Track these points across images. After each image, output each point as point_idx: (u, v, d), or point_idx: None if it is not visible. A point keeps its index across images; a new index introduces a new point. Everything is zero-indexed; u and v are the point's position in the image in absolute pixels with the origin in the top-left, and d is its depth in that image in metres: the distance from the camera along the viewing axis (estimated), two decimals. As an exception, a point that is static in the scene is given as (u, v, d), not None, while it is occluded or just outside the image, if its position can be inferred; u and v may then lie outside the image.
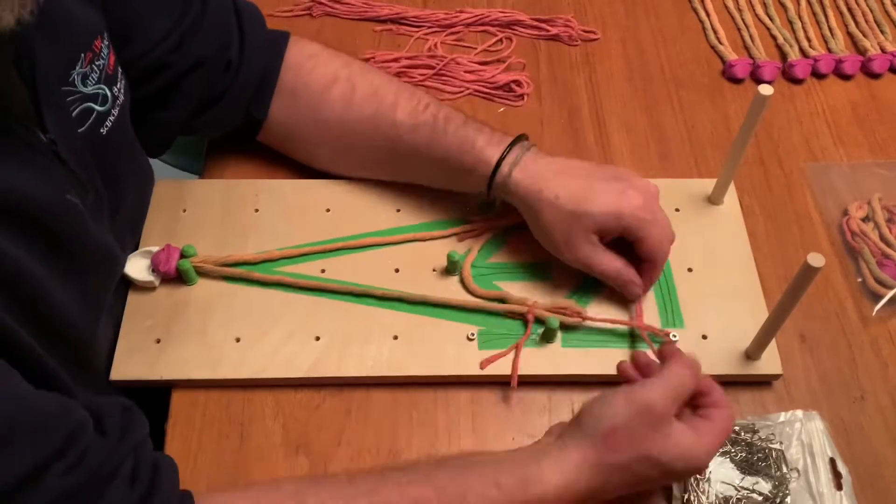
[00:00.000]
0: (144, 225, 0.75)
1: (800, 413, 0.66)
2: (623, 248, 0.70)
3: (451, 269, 0.72)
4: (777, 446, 0.64)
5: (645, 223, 0.67)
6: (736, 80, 0.92)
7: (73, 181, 0.57)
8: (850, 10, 0.99)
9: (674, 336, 0.69)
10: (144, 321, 0.70)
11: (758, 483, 0.62)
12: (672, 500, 0.62)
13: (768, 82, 0.84)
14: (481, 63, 0.92)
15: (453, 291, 0.72)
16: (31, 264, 0.53)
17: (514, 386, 0.67)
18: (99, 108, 0.62)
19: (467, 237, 0.76)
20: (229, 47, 0.73)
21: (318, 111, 0.75)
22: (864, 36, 0.96)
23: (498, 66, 0.91)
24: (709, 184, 0.79)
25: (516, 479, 0.56)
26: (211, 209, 0.77)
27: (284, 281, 0.72)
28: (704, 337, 0.70)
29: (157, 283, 0.71)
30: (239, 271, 0.72)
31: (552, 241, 0.69)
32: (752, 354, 0.68)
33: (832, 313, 0.74)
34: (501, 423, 0.67)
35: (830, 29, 0.97)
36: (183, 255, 0.71)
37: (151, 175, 0.77)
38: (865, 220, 0.79)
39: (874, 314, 0.73)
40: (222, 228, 0.76)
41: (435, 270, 0.74)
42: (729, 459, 0.63)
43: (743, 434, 0.65)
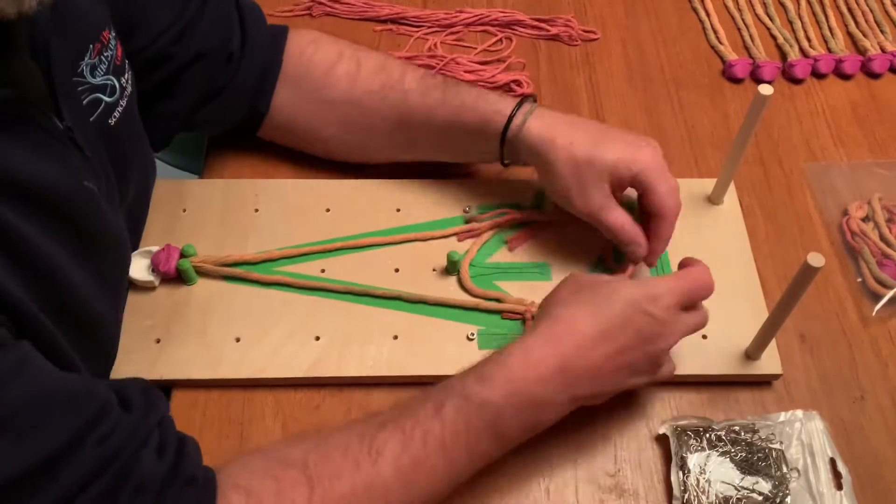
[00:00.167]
0: (145, 224, 0.76)
1: (800, 413, 0.66)
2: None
3: (451, 268, 0.72)
4: (777, 446, 0.64)
5: (657, 174, 0.68)
6: (736, 80, 0.92)
7: (89, 168, 0.58)
8: (850, 10, 0.99)
9: (674, 336, 0.69)
10: (144, 321, 0.70)
11: (758, 483, 0.62)
12: (672, 500, 0.62)
13: (768, 82, 0.84)
14: (481, 63, 0.92)
15: (453, 291, 0.72)
16: (51, 248, 0.53)
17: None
18: (107, 99, 0.62)
19: (467, 237, 0.76)
20: (231, 40, 0.73)
21: (324, 92, 0.76)
22: (864, 36, 0.96)
23: (498, 66, 0.91)
24: (709, 184, 0.79)
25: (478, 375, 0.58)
26: (211, 209, 0.77)
27: (284, 281, 0.72)
28: (704, 337, 0.70)
29: (157, 283, 0.71)
30: (239, 271, 0.72)
31: (565, 188, 0.69)
32: (752, 354, 0.68)
33: (832, 313, 0.74)
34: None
35: (830, 29, 0.97)
36: (183, 255, 0.71)
37: (154, 167, 0.77)
38: (865, 220, 0.79)
39: (874, 314, 0.73)
40: (222, 228, 0.76)
41: (435, 270, 0.74)
42: (729, 459, 0.63)
43: (743, 434, 0.65)
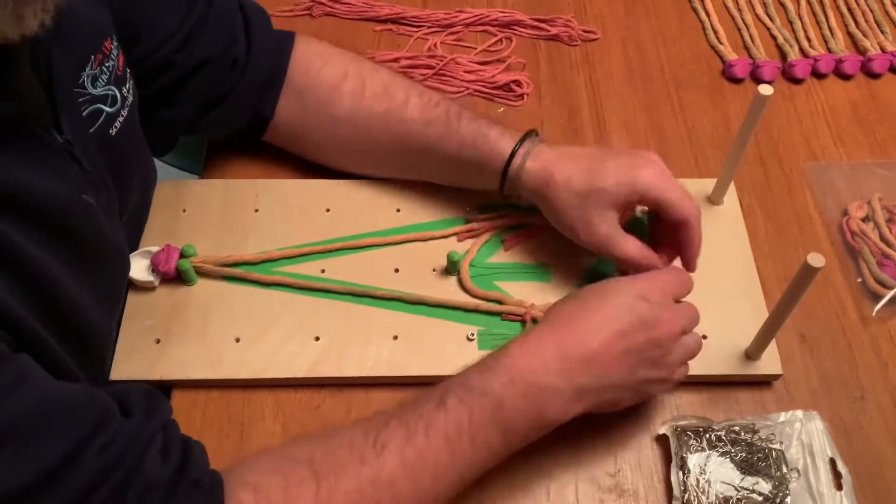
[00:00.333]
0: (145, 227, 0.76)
1: (800, 413, 0.66)
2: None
3: (451, 269, 0.72)
4: (777, 446, 0.64)
5: (663, 186, 0.66)
6: (736, 80, 0.92)
7: (88, 181, 0.58)
8: (850, 10, 0.99)
9: (674, 336, 0.69)
10: (144, 321, 0.70)
11: (758, 483, 0.62)
12: (672, 501, 0.62)
13: (768, 82, 0.84)
14: (481, 63, 0.92)
15: (453, 292, 0.72)
16: (51, 263, 0.53)
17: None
18: (108, 110, 0.62)
19: (467, 237, 0.76)
20: (235, 46, 0.73)
21: (328, 108, 0.75)
22: (864, 36, 0.96)
23: (498, 66, 0.91)
24: (709, 184, 0.79)
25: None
26: (211, 209, 0.77)
27: (284, 281, 0.72)
28: (704, 337, 0.70)
29: (156, 283, 0.71)
30: (239, 271, 0.72)
31: (569, 225, 0.69)
32: (752, 354, 0.68)
33: (832, 313, 0.74)
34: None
35: (830, 29, 0.97)
36: (183, 255, 0.71)
37: (155, 174, 0.77)
38: (865, 220, 0.79)
39: (874, 314, 0.73)
40: (222, 228, 0.76)
41: (435, 270, 0.74)
42: (729, 459, 0.63)
43: (743, 434, 0.65)
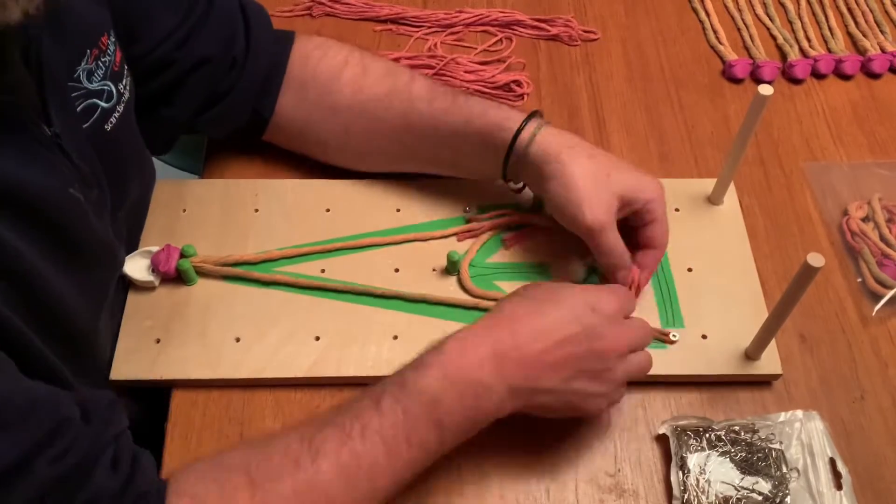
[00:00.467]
0: (144, 225, 0.75)
1: (800, 413, 0.66)
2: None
3: (451, 269, 0.72)
4: (777, 446, 0.64)
5: (660, 210, 0.68)
6: (736, 80, 0.92)
7: (77, 175, 0.57)
8: (850, 10, 0.99)
9: (674, 336, 0.69)
10: (144, 321, 0.70)
11: (758, 483, 0.62)
12: (672, 500, 0.62)
13: (768, 82, 0.84)
14: (481, 63, 0.92)
15: (453, 291, 0.72)
16: (33, 256, 0.53)
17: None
18: (104, 105, 0.62)
19: (467, 237, 0.76)
20: (235, 45, 0.73)
21: (330, 98, 0.75)
22: (864, 36, 0.96)
23: (498, 66, 0.91)
24: (709, 184, 0.79)
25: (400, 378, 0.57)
26: (211, 209, 0.77)
27: (284, 280, 0.72)
28: (704, 337, 0.70)
29: (156, 283, 0.71)
30: (239, 271, 0.72)
31: (577, 198, 0.66)
32: (752, 354, 0.68)
33: (832, 313, 0.74)
34: (501, 422, 0.67)
35: (830, 29, 0.97)
36: (183, 255, 0.71)
37: (154, 172, 0.77)
38: (865, 220, 0.79)
39: (874, 314, 0.73)
40: (222, 228, 0.76)
41: (435, 270, 0.74)
42: (729, 459, 0.63)
43: (743, 434, 0.65)
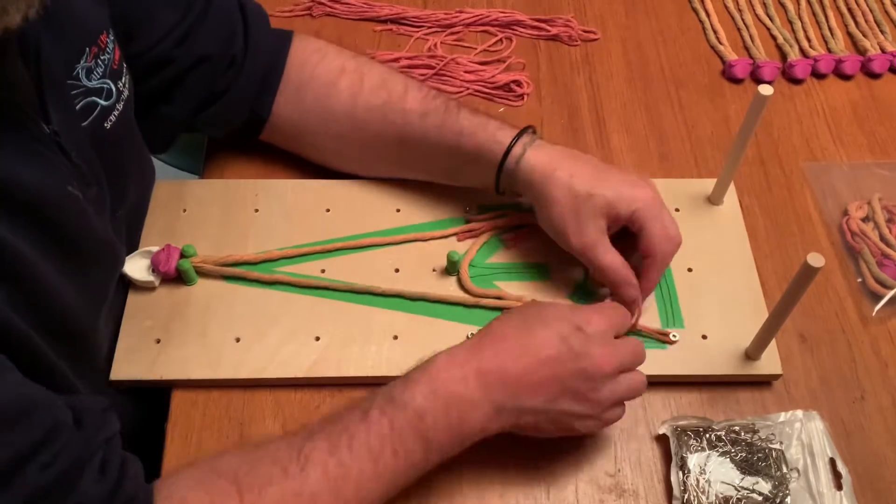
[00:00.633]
0: (144, 225, 0.75)
1: (800, 413, 0.66)
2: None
3: (451, 269, 0.72)
4: (777, 446, 0.64)
5: (653, 215, 0.67)
6: (736, 80, 0.92)
7: (76, 173, 0.57)
8: (850, 10, 0.99)
9: (674, 336, 0.69)
10: (144, 321, 0.70)
11: (758, 483, 0.62)
12: (672, 500, 0.62)
13: (768, 82, 0.84)
14: (481, 63, 0.92)
15: (453, 291, 0.72)
16: (32, 254, 0.53)
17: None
18: (103, 103, 0.62)
19: (467, 237, 0.76)
20: (233, 44, 0.73)
21: (326, 103, 0.75)
22: (864, 36, 0.96)
23: (498, 66, 0.91)
24: (709, 184, 0.79)
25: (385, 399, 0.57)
26: (211, 209, 0.77)
27: (284, 280, 0.72)
28: (704, 337, 0.70)
29: (157, 283, 0.71)
30: (239, 271, 0.72)
31: (561, 222, 0.68)
32: (752, 354, 0.68)
33: (832, 313, 0.74)
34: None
35: (830, 29, 0.97)
36: (183, 255, 0.71)
37: (153, 171, 0.77)
38: (865, 220, 0.79)
39: (874, 314, 0.73)
40: (222, 228, 0.76)
41: (435, 270, 0.74)
42: (729, 459, 0.63)
43: (743, 434, 0.65)
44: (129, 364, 0.67)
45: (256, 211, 0.77)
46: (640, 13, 0.99)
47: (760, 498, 0.62)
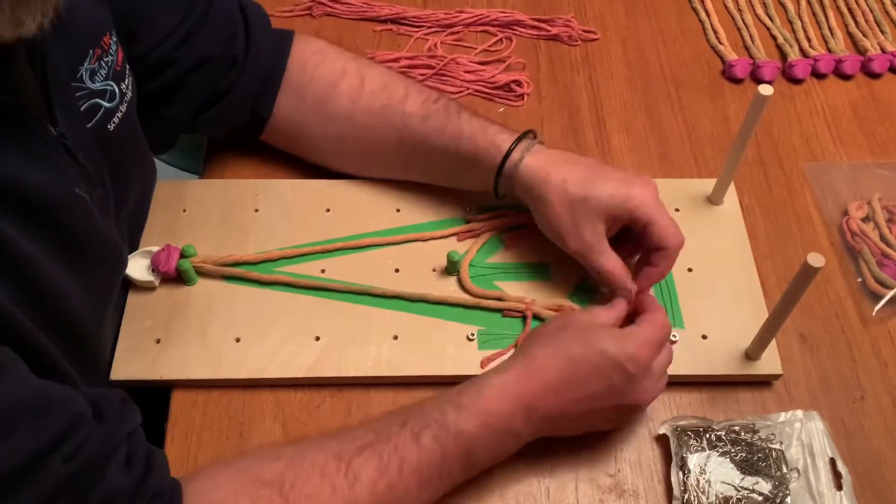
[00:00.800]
0: (145, 225, 0.75)
1: (800, 413, 0.66)
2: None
3: (451, 269, 0.72)
4: (777, 446, 0.64)
5: (653, 209, 0.67)
6: (736, 80, 0.92)
7: (83, 175, 0.58)
8: (850, 10, 0.99)
9: (674, 336, 0.69)
10: (144, 321, 0.70)
11: (758, 483, 0.62)
12: (672, 501, 0.62)
13: (768, 82, 0.84)
14: (481, 63, 0.92)
15: (453, 291, 0.72)
16: (40, 256, 0.53)
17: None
18: (106, 105, 0.62)
19: (467, 237, 0.76)
20: (234, 45, 0.73)
21: (326, 105, 0.75)
22: (864, 36, 0.96)
23: (498, 66, 0.91)
24: (709, 184, 0.79)
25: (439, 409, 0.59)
26: (211, 209, 0.77)
27: (284, 281, 0.72)
28: (704, 337, 0.70)
29: (157, 283, 0.71)
30: (239, 271, 0.72)
31: (558, 226, 0.68)
32: (752, 354, 0.68)
33: (832, 313, 0.74)
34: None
35: (830, 29, 0.97)
36: (183, 255, 0.71)
37: (155, 172, 0.77)
38: (865, 220, 0.79)
39: (874, 314, 0.73)
40: (222, 228, 0.76)
41: (435, 270, 0.74)
42: (729, 459, 0.63)
43: (743, 434, 0.65)
44: (129, 364, 0.67)
45: (256, 211, 0.77)
46: (640, 13, 0.99)
47: (760, 498, 0.62)
